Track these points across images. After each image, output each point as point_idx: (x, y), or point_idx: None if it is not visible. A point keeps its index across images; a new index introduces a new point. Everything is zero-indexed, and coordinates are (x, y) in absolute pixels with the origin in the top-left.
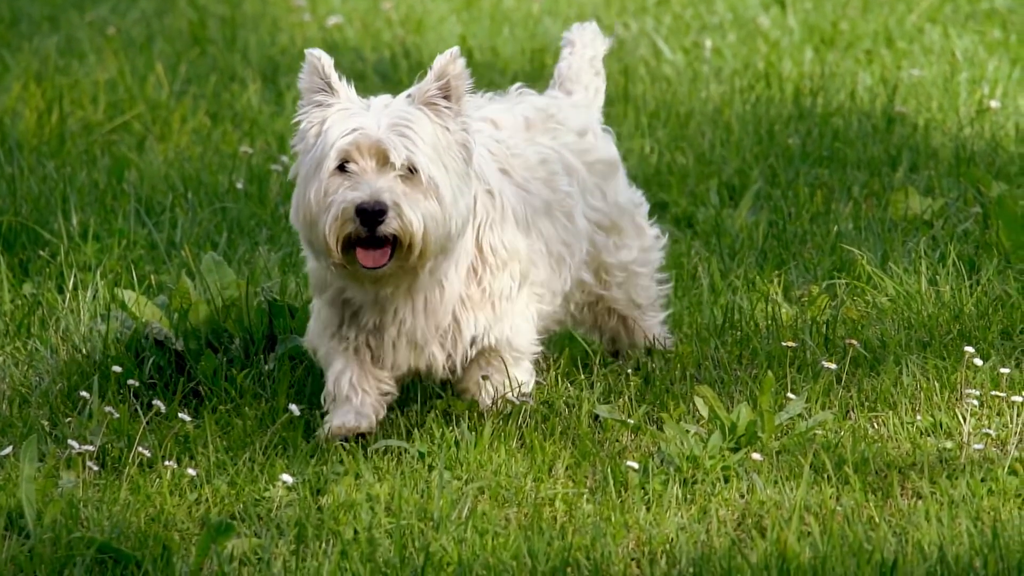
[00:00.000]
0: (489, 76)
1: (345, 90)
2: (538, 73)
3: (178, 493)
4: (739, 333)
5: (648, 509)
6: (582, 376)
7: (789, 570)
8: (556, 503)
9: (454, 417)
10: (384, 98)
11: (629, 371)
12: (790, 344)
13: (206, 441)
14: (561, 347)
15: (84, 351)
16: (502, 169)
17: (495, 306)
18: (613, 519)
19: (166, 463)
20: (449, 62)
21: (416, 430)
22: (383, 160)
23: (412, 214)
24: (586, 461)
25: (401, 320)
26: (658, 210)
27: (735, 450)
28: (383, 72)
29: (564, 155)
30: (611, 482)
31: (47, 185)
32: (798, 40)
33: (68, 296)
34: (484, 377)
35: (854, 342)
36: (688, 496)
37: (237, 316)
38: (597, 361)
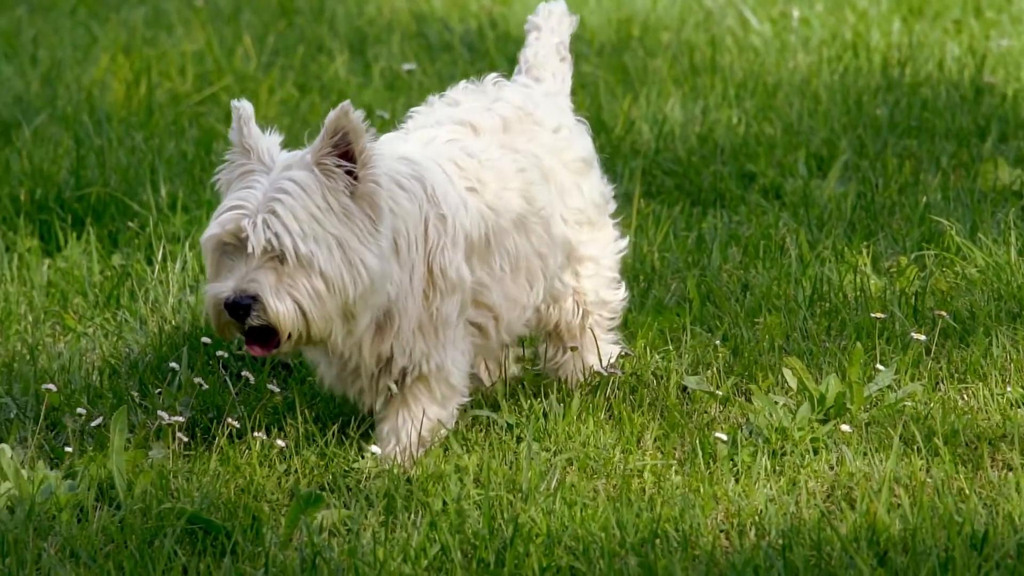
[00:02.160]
0: (576, 48)
1: (258, 147)
2: (624, 44)
3: (267, 464)
4: (828, 304)
5: (737, 481)
6: (670, 347)
7: (879, 542)
8: (644, 475)
9: (543, 388)
10: (285, 158)
11: (717, 342)
12: (879, 315)
13: (295, 412)
14: (650, 318)
15: (173, 322)
16: (470, 187)
17: (439, 332)
18: (702, 491)
19: (255, 434)
20: (341, 116)
21: (504, 401)
22: None
23: (278, 304)
24: (675, 433)
25: (349, 356)
26: (746, 181)
27: (824, 422)
28: (470, 43)
29: (542, 158)
30: (700, 454)
31: (136, 156)
32: (886, 10)
33: (157, 267)
34: (407, 410)
35: (943, 313)
36: (777, 468)
37: None
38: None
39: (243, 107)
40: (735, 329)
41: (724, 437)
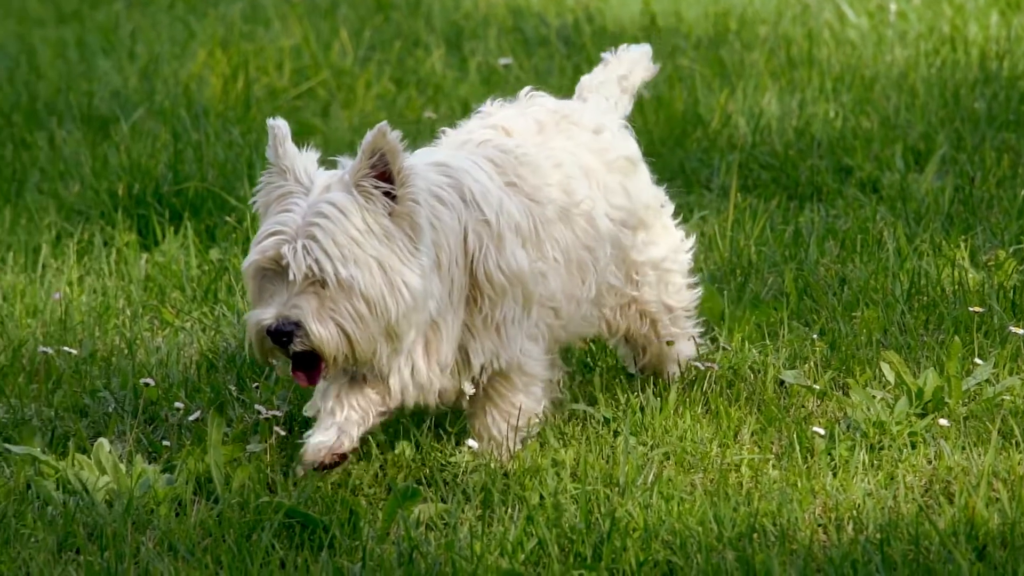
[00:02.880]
0: (673, 41)
1: (295, 167)
2: (721, 38)
3: (365, 458)
4: (925, 298)
5: (834, 475)
6: (767, 341)
7: (977, 536)
8: (742, 469)
9: (639, 382)
10: (323, 179)
11: (815, 336)
12: (977, 309)
13: None
14: (747, 313)
15: None
16: (508, 182)
17: (500, 331)
18: (799, 485)
19: None
20: (379, 137)
21: (601, 395)
22: None
23: (321, 329)
24: (772, 427)
25: (400, 368)
26: (843, 175)
27: (922, 416)
28: (566, 37)
29: (581, 156)
30: (797, 448)
31: (233, 151)
32: (983, 3)
33: None
34: (492, 405)
35: None
36: (875, 462)
37: None
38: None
39: (278, 126)
40: (832, 323)
41: (822, 431)
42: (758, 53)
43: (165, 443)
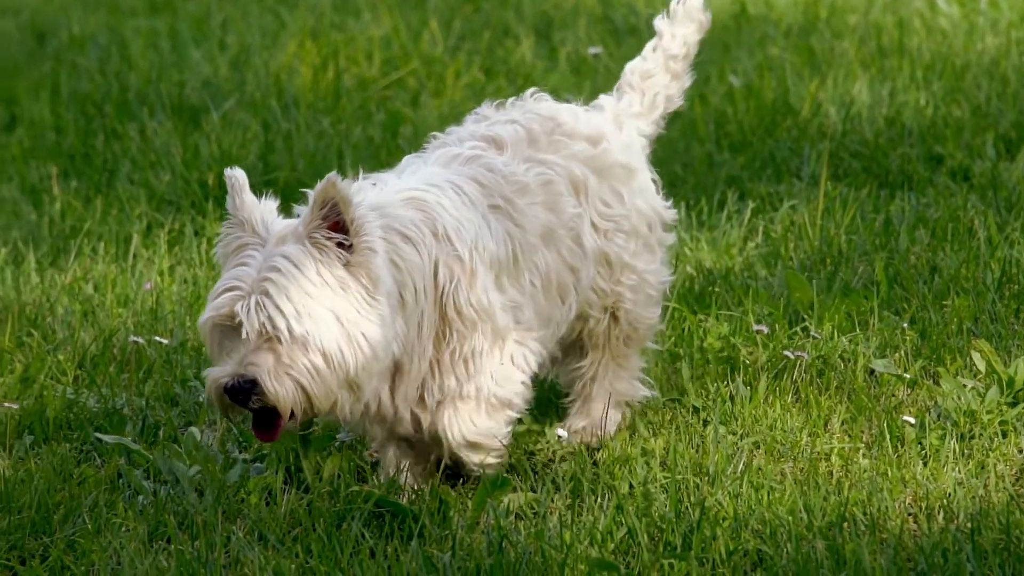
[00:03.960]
0: (762, 30)
1: (252, 218)
2: (812, 26)
3: None
4: (1017, 287)
5: (925, 464)
6: (858, 330)
7: None
8: (832, 458)
9: (729, 371)
10: (278, 230)
11: (905, 325)
12: None
13: None
14: (837, 301)
15: None
16: (493, 205)
17: (468, 364)
18: (890, 474)
19: None
20: (329, 187)
21: (690, 385)
22: None
23: (277, 386)
24: (862, 416)
25: (368, 406)
26: (934, 163)
27: (1013, 404)
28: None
29: (571, 170)
30: (887, 437)
31: (323, 141)
32: None
33: None
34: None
35: None
36: (965, 451)
37: None
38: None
39: (236, 176)
40: (923, 312)
41: (912, 420)
42: (848, 42)
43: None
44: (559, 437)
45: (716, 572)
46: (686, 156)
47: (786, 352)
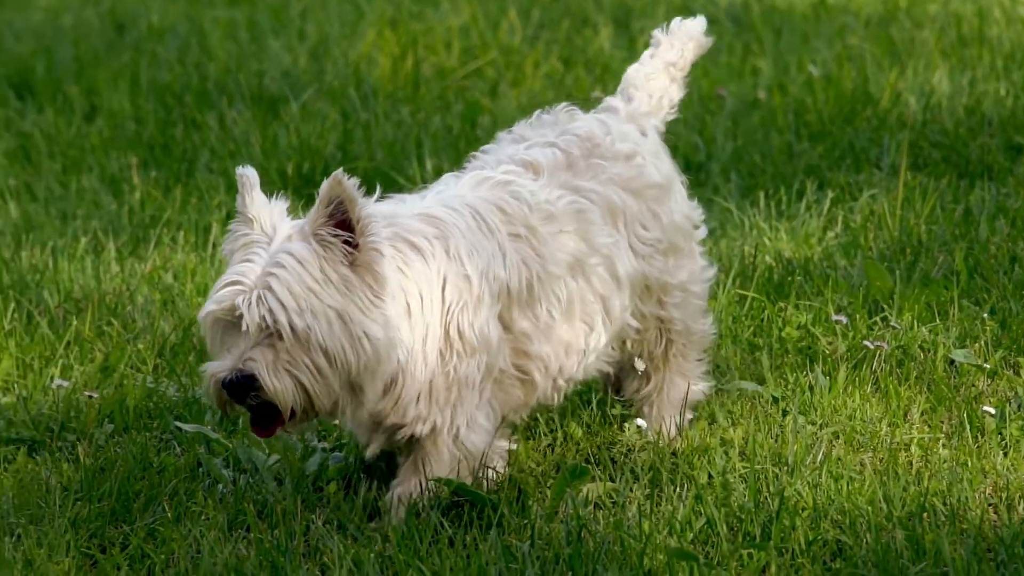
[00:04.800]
0: (841, 20)
1: (261, 216)
2: (891, 16)
3: (533, 437)
4: None
5: (1005, 454)
6: (938, 320)
7: None
8: (911, 448)
9: (808, 361)
10: (285, 228)
11: (985, 315)
12: None
13: None
14: (916, 291)
15: None
16: (514, 234)
17: (453, 392)
18: (969, 464)
19: None
20: (335, 185)
21: (770, 374)
22: None
23: (276, 383)
24: (942, 406)
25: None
26: (1014, 153)
27: None
28: (735, 16)
29: (609, 197)
30: (967, 427)
31: (402, 131)
32: None
33: None
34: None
35: None
36: None
37: None
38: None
39: (247, 174)
40: (1003, 302)
41: (992, 410)
42: (928, 31)
43: (335, 422)
44: (638, 427)
45: (795, 562)
46: (765, 146)
47: (866, 342)
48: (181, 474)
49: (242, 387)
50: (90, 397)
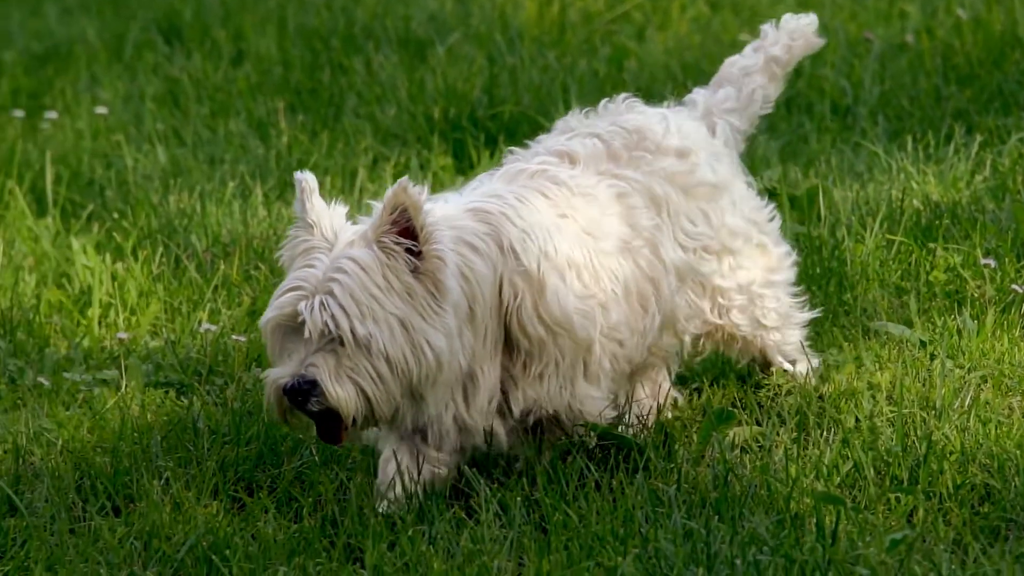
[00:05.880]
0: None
1: (321, 221)
2: None
3: (680, 382)
4: None
5: None
6: None
7: None
8: None
9: (956, 305)
10: (347, 234)
11: None
12: None
13: None
14: None
15: None
16: (560, 214)
17: (542, 381)
18: None
19: None
20: (400, 192)
21: (917, 318)
22: None
23: (338, 389)
24: None
25: (443, 415)
26: None
27: None
28: None
29: (651, 186)
30: None
31: (548, 75)
32: None
33: None
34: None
35: None
36: None
37: None
38: None
39: (306, 179)
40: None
41: None
42: None
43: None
44: (785, 371)
45: (943, 506)
46: (913, 89)
47: (1014, 286)
48: None
49: (304, 393)
50: (238, 341)
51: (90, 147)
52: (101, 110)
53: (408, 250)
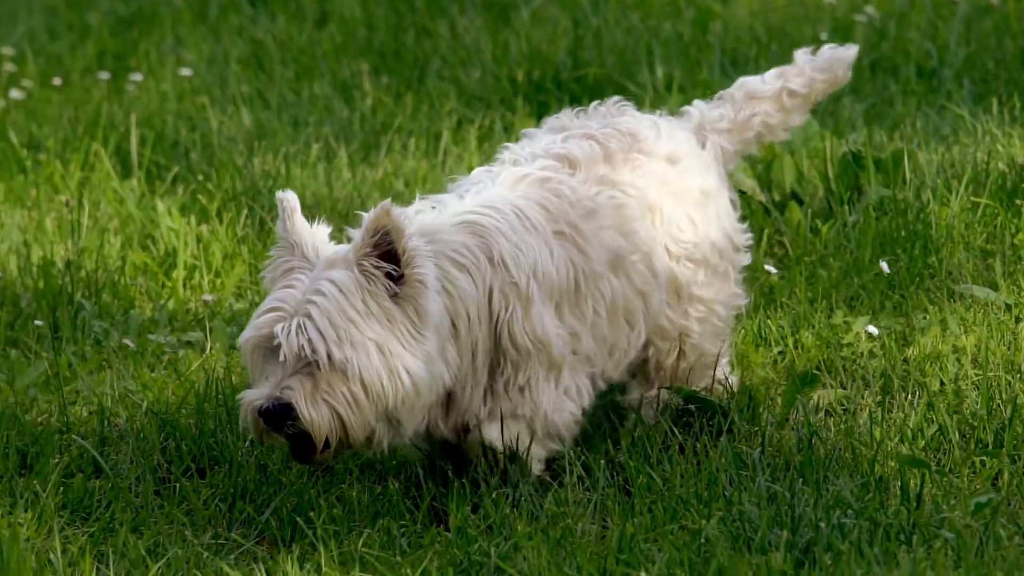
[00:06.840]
0: None
1: (303, 242)
2: None
3: (763, 344)
4: None
5: None
6: None
7: None
8: None
9: None
10: (328, 255)
11: None
12: None
13: (791, 292)
14: None
15: None
16: (557, 231)
17: (525, 392)
18: None
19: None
20: (382, 215)
21: (1003, 281)
22: None
23: (313, 412)
24: None
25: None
26: None
27: None
28: None
29: (646, 192)
30: None
31: (632, 37)
32: None
33: None
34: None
35: None
36: None
37: (821, 168)
38: None
39: (288, 199)
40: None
41: None
42: None
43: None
44: (869, 334)
45: None
46: (999, 52)
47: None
48: None
49: (279, 416)
50: None
51: (175, 109)
52: (185, 72)
53: (389, 274)
